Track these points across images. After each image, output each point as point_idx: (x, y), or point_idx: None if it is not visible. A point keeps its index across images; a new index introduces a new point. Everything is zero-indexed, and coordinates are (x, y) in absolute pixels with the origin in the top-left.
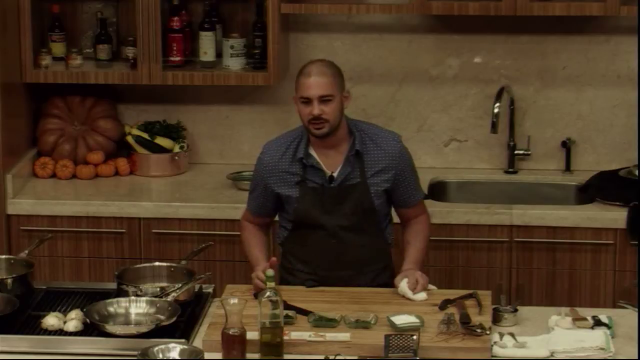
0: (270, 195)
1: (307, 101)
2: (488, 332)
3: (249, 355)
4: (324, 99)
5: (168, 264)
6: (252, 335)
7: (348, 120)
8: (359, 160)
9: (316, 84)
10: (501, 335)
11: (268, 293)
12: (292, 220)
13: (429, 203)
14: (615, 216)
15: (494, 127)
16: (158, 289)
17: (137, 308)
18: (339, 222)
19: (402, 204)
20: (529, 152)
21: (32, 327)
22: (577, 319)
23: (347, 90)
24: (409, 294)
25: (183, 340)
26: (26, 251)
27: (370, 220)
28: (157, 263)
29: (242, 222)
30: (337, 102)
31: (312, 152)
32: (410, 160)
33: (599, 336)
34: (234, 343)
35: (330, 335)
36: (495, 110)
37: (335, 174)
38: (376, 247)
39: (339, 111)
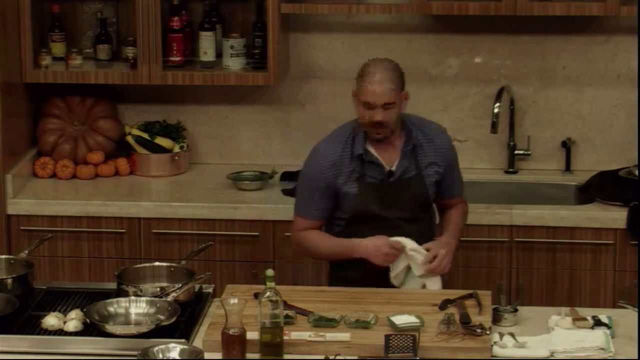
0: (332, 194)
1: (370, 107)
2: (488, 332)
3: (249, 355)
4: (387, 106)
5: (168, 264)
6: (252, 335)
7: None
8: (414, 153)
9: (381, 91)
10: (501, 335)
11: (268, 293)
12: (346, 217)
13: None
14: (615, 216)
15: (494, 127)
16: (158, 289)
17: (137, 308)
18: (399, 214)
19: (448, 194)
20: (529, 152)
21: (32, 327)
22: (577, 319)
23: (405, 90)
24: (419, 259)
25: (183, 340)
26: (26, 251)
27: (424, 211)
28: (157, 263)
29: (299, 235)
30: (398, 107)
31: (370, 148)
32: (456, 152)
33: (599, 336)
34: (234, 343)
35: (330, 335)
36: (495, 110)
37: (393, 169)
38: (430, 236)
39: (398, 115)
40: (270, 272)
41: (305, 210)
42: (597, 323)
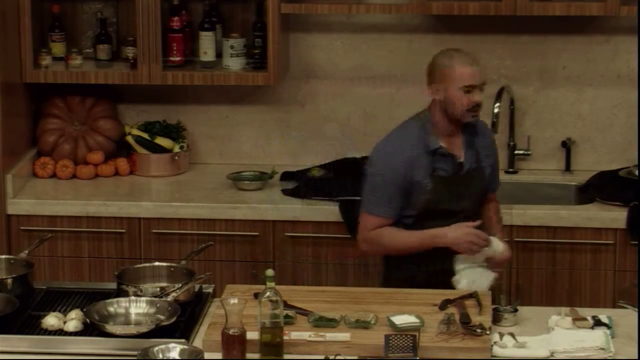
0: (407, 191)
1: (470, 89)
2: (488, 332)
3: (249, 355)
4: (482, 87)
5: (168, 264)
6: (252, 335)
7: None
8: (475, 145)
9: (478, 72)
10: (501, 335)
11: (268, 293)
12: (415, 213)
13: None
14: (615, 216)
15: (494, 127)
16: (158, 289)
17: (137, 308)
18: (464, 207)
19: (491, 188)
20: (529, 152)
21: (32, 327)
22: (577, 319)
23: None
24: (500, 247)
25: (183, 340)
26: (26, 251)
27: (481, 203)
28: (157, 263)
29: (371, 233)
30: None
31: (441, 141)
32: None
33: (599, 336)
34: (234, 343)
35: (330, 335)
36: (495, 110)
37: (462, 161)
38: (482, 227)
39: None
40: (270, 272)
41: (379, 208)
42: (597, 323)
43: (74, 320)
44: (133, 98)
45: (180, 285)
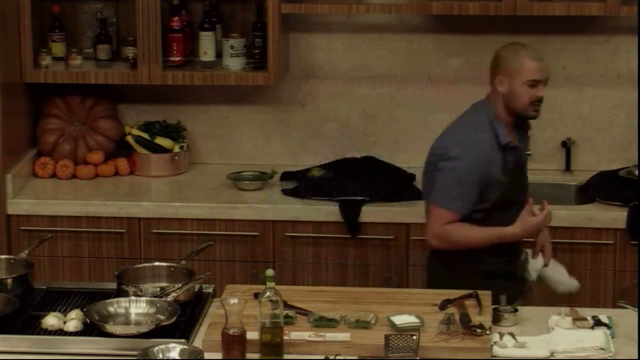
0: (484, 185)
1: (535, 84)
2: (488, 332)
3: (249, 355)
4: (546, 82)
5: (168, 264)
6: (252, 335)
7: None
8: (523, 136)
9: (545, 67)
10: (501, 335)
11: (268, 293)
12: (487, 207)
13: None
14: (615, 216)
15: None
16: (158, 289)
17: (137, 308)
18: (523, 197)
19: None
20: (529, 152)
21: (32, 327)
22: (577, 319)
23: None
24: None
25: (183, 340)
26: (26, 251)
27: None
28: (157, 263)
29: (443, 228)
30: None
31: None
32: None
33: (599, 336)
34: (234, 343)
35: (330, 335)
36: None
37: (521, 152)
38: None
39: None
40: (270, 272)
41: (456, 203)
42: (597, 323)
43: (74, 320)
44: (133, 98)
45: (180, 285)
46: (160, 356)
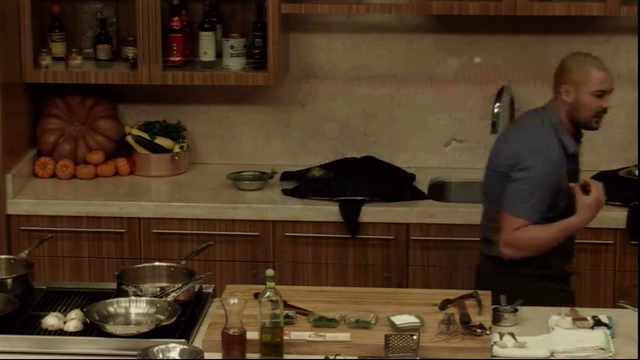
0: (555, 194)
1: (601, 94)
2: (488, 332)
3: (249, 355)
4: (610, 93)
5: (168, 264)
6: (252, 335)
7: None
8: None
9: (610, 78)
10: (501, 335)
11: (268, 293)
12: (555, 215)
13: (429, 203)
14: (615, 216)
15: (494, 127)
16: (158, 289)
17: (137, 308)
18: None
19: None
20: None
21: (32, 327)
22: (577, 319)
23: None
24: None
25: (183, 340)
26: (26, 251)
27: None
28: (157, 263)
29: (515, 234)
30: None
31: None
32: None
33: (599, 336)
34: (234, 343)
35: (330, 335)
36: (495, 110)
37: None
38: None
39: None
40: (270, 272)
41: (529, 213)
42: (597, 323)
43: (74, 320)
44: (133, 98)
45: (180, 285)
46: (160, 356)
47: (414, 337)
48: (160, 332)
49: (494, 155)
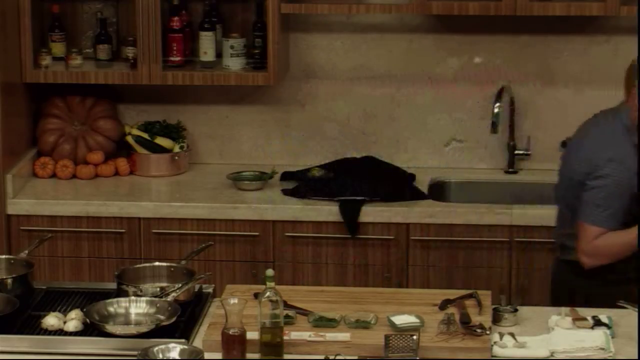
0: (630, 201)
1: None
2: (488, 332)
3: (249, 355)
4: None
5: (168, 264)
6: (252, 335)
7: None
8: None
9: None
10: (501, 335)
11: (268, 293)
12: (631, 220)
13: (429, 203)
14: None
15: (494, 127)
16: (158, 289)
17: (137, 308)
18: None
19: None
20: (529, 152)
21: (32, 327)
22: (577, 319)
23: None
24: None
25: (183, 340)
26: (26, 251)
27: None
28: (157, 263)
29: (594, 243)
30: None
31: None
32: None
33: (599, 336)
34: (234, 343)
35: (330, 335)
36: (495, 110)
37: None
38: None
39: None
40: (270, 272)
41: (607, 221)
42: (597, 323)
43: (74, 320)
44: (133, 98)
45: (180, 285)
46: (160, 356)
47: (414, 337)
48: (160, 332)
49: (568, 162)
